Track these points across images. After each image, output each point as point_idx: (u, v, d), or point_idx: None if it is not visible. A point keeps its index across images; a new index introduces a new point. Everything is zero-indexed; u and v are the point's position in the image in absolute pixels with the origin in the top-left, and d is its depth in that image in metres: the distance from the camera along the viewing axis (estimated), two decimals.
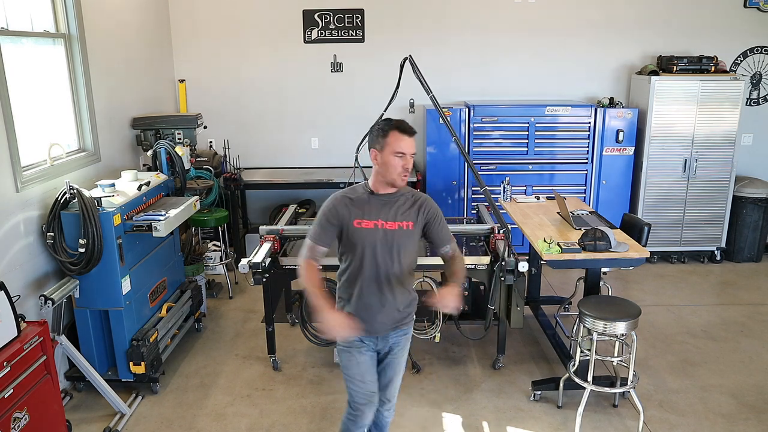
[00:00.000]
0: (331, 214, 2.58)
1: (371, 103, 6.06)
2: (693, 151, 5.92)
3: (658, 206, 6.07)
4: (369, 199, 2.59)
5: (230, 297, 5.48)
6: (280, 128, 6.49)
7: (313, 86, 6.38)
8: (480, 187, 4.14)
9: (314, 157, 6.56)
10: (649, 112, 5.85)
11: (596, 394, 3.78)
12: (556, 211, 4.58)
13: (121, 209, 3.72)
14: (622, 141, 5.91)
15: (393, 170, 2.51)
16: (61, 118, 4.30)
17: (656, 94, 5.81)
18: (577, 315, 3.52)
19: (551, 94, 6.41)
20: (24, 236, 3.61)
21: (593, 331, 3.40)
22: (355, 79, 6.36)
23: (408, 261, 2.62)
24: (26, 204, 3.64)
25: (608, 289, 4.37)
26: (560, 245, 3.69)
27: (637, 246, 3.79)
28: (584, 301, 3.56)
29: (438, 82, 5.59)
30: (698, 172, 5.97)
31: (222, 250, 5.61)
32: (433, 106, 4.36)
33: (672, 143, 5.92)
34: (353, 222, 2.55)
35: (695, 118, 5.84)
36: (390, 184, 2.56)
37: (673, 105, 5.83)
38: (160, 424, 3.62)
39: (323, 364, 4.27)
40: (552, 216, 4.49)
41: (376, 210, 2.56)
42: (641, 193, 6.04)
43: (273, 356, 4.24)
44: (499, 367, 4.20)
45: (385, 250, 2.56)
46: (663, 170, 5.99)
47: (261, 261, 3.81)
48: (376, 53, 6.26)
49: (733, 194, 6.10)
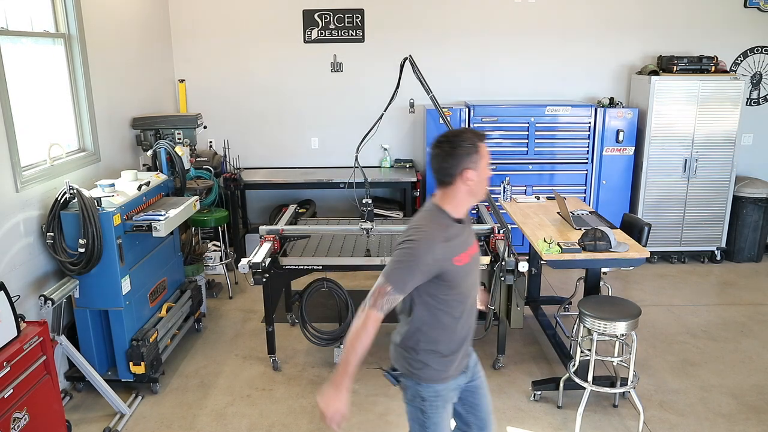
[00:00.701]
0: (430, 257, 2.09)
1: (371, 102, 6.06)
2: (693, 151, 5.92)
3: (658, 206, 6.07)
4: (459, 229, 2.21)
5: (230, 297, 5.48)
6: (280, 128, 6.49)
7: (313, 86, 6.38)
8: None
9: (314, 157, 6.56)
10: (649, 112, 5.84)
11: (596, 394, 3.77)
12: (556, 211, 4.58)
13: (120, 209, 3.71)
14: (622, 141, 5.90)
15: (486, 184, 2.23)
16: (61, 117, 4.30)
17: (656, 94, 5.80)
18: (577, 315, 3.52)
19: (551, 94, 6.41)
20: (24, 236, 3.61)
21: (593, 331, 3.40)
22: (354, 78, 6.36)
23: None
24: (26, 204, 3.64)
25: (608, 289, 4.37)
26: (560, 245, 3.69)
27: (636, 246, 3.79)
28: (584, 301, 3.56)
29: (438, 82, 5.59)
30: (698, 171, 5.97)
31: (222, 250, 5.61)
32: (433, 106, 4.36)
33: (672, 143, 5.91)
34: (453, 261, 2.16)
35: (695, 117, 5.83)
36: (478, 201, 2.35)
37: (674, 105, 5.83)
38: (160, 424, 3.62)
39: (323, 364, 4.27)
40: (552, 216, 4.49)
41: (466, 238, 2.25)
42: (641, 193, 6.04)
43: (273, 356, 4.23)
44: (499, 367, 4.20)
45: (476, 277, 2.35)
46: (663, 170, 5.99)
47: (261, 261, 3.80)
48: (376, 53, 6.26)
49: (733, 194, 6.10)
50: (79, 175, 4.23)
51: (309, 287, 4.21)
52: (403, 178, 6.04)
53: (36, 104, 3.99)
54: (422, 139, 6.13)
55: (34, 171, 3.78)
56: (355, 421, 3.61)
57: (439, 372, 2.28)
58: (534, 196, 5.07)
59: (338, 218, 5.16)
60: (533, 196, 5.07)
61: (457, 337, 2.29)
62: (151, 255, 4.15)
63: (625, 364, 3.61)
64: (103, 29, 4.71)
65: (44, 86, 4.11)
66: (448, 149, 2.13)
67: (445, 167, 2.14)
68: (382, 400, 3.81)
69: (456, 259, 2.15)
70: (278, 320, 4.67)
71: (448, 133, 2.20)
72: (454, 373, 2.32)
